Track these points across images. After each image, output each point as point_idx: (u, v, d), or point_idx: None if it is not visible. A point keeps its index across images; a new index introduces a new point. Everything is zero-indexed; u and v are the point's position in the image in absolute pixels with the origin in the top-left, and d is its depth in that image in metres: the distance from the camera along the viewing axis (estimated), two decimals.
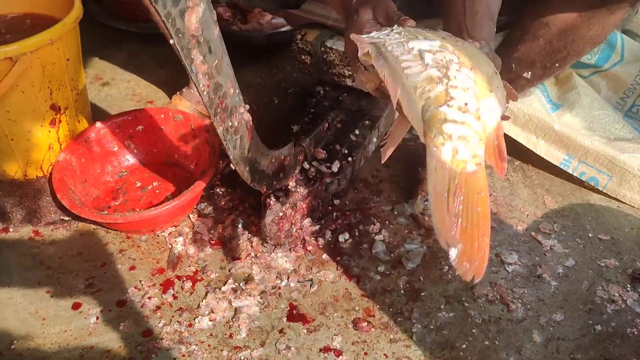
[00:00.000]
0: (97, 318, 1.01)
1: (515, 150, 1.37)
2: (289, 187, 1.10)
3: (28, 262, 1.11)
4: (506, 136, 1.15)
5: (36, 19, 1.28)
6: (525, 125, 1.34)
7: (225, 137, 0.88)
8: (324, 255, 1.13)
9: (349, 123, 1.29)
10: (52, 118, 1.19)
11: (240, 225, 1.17)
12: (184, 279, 1.08)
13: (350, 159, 1.20)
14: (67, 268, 1.09)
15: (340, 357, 0.96)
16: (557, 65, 1.09)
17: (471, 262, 0.53)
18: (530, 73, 1.10)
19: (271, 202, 1.07)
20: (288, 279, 1.07)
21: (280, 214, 1.07)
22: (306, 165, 1.15)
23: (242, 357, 0.95)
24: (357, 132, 1.26)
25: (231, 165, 0.93)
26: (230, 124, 0.88)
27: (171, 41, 0.71)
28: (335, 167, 1.17)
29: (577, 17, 1.02)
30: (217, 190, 1.23)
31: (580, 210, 1.26)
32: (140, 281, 1.07)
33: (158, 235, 1.16)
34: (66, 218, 1.19)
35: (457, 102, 0.59)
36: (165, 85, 1.62)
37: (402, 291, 1.07)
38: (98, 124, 1.25)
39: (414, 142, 1.42)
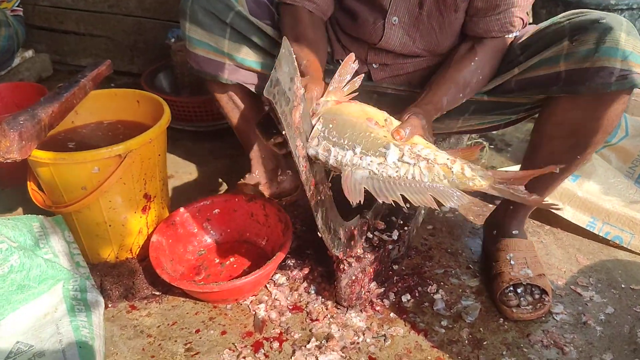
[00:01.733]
0: None
1: (544, 216, 1.55)
2: (358, 254, 1.26)
3: (130, 332, 1.24)
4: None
5: (125, 124, 1.51)
6: (552, 194, 1.52)
7: (316, 209, 1.06)
8: (392, 314, 1.27)
9: None
10: (144, 205, 1.37)
11: (313, 292, 1.32)
12: (271, 339, 1.21)
13: (405, 228, 1.37)
14: (166, 335, 1.23)
15: None
16: (578, 157, 1.17)
17: None
18: (557, 169, 1.19)
19: (345, 267, 1.22)
20: (364, 335, 1.21)
21: (353, 277, 1.23)
22: (370, 235, 1.32)
23: None
24: (407, 205, 1.44)
25: (318, 233, 1.10)
26: (319, 197, 1.06)
27: (283, 132, 0.91)
28: (394, 235, 1.34)
29: (584, 114, 1.10)
30: (288, 262, 1.39)
31: (610, 265, 1.41)
32: (233, 343, 1.20)
33: (241, 304, 1.30)
34: (157, 293, 1.34)
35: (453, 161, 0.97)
36: (222, 174, 1.82)
37: (466, 341, 1.20)
38: (182, 209, 1.43)
39: (453, 214, 1.60)
